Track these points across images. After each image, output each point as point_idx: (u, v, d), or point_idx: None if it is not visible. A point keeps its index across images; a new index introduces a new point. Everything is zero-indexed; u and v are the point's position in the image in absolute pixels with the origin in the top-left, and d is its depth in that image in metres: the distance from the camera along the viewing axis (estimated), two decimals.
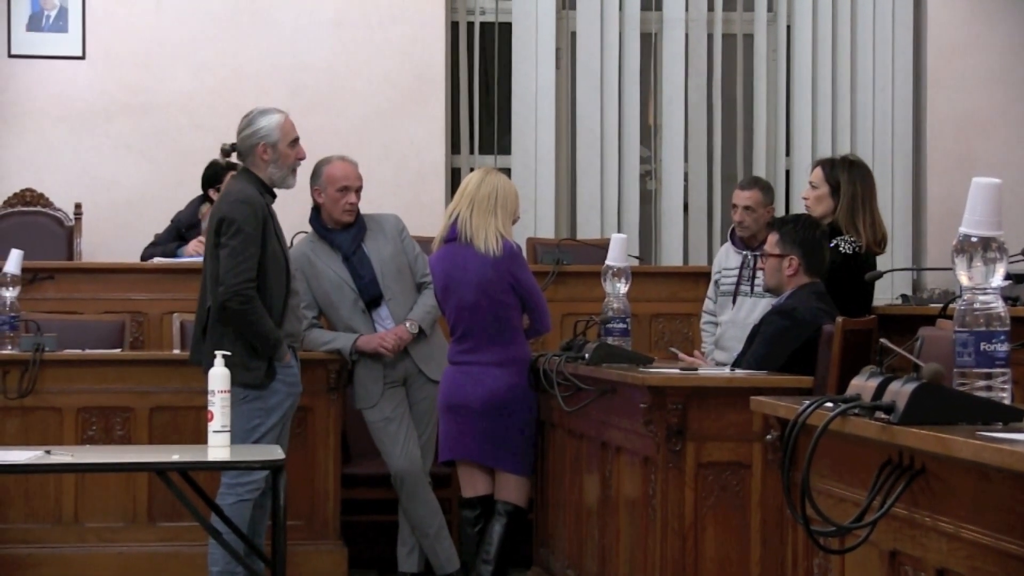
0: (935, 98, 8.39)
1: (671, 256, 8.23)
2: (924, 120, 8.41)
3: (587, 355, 4.94)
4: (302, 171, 5.34)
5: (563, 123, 8.33)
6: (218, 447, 4.35)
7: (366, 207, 5.87)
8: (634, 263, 6.62)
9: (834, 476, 2.82)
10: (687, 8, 8.33)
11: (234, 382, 4.48)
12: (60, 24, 7.99)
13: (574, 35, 8.34)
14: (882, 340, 2.71)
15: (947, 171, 8.28)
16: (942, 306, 5.01)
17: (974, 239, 2.55)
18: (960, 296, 2.60)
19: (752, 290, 5.88)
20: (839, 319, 4.57)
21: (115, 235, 7.81)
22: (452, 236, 5.30)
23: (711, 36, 8.36)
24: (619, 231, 7.63)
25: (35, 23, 7.99)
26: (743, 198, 6.00)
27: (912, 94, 8.40)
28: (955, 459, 2.30)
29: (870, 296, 5.64)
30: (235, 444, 4.50)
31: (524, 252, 6.50)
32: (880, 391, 2.56)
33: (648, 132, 8.42)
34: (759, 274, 5.67)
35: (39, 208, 7.78)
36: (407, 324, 5.73)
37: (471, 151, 8.35)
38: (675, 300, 6.93)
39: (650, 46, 8.39)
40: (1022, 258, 4.88)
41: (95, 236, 7.80)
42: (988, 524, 2.26)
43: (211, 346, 4.84)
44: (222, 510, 4.81)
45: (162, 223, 7.31)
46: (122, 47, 8.02)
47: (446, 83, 8.21)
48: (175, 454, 4.37)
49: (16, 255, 5.98)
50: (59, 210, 7.79)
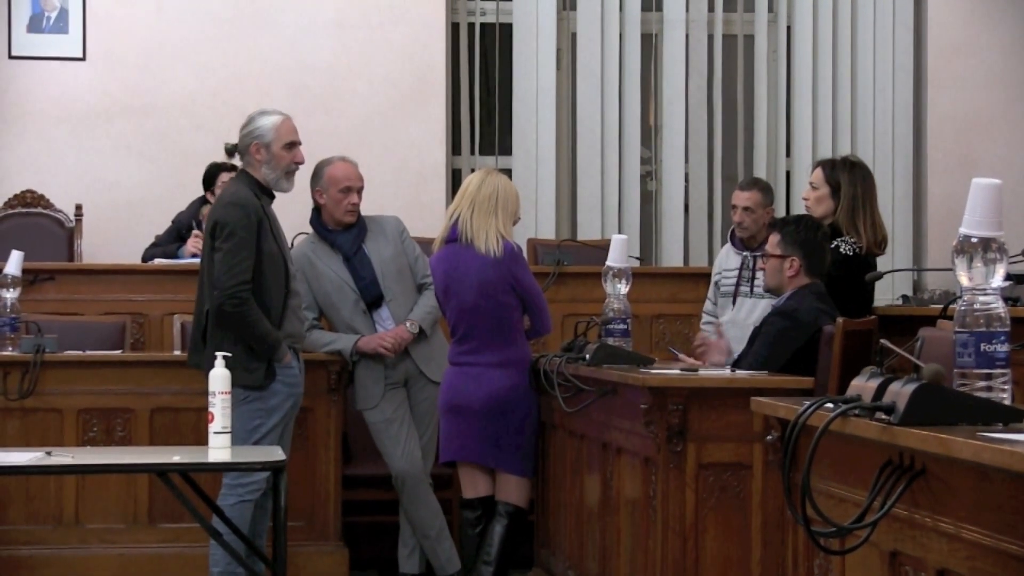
0: (935, 98, 8.39)
1: (672, 257, 8.23)
2: (924, 120, 8.41)
3: (588, 356, 4.94)
4: (302, 174, 5.34)
5: (564, 124, 8.33)
6: (219, 448, 4.35)
7: (367, 208, 5.87)
8: (635, 264, 6.63)
9: (834, 477, 2.82)
10: (688, 9, 8.32)
11: (234, 383, 4.48)
12: (61, 25, 7.99)
13: (575, 36, 8.34)
14: (882, 341, 2.71)
15: (947, 171, 8.28)
16: (942, 307, 5.01)
17: (974, 240, 2.55)
18: (960, 297, 2.60)
19: (752, 291, 5.89)
20: (839, 320, 4.56)
21: (116, 236, 7.81)
22: (453, 237, 5.30)
23: (711, 37, 8.36)
24: (620, 232, 7.63)
25: (36, 24, 7.99)
26: (742, 199, 6.01)
27: (912, 94, 8.39)
28: (955, 460, 2.30)
29: (870, 297, 5.64)
30: (236, 445, 4.50)
31: (525, 253, 6.50)
32: (880, 392, 2.56)
33: (649, 133, 8.42)
34: (759, 275, 5.67)
35: (40, 209, 7.78)
36: (407, 324, 5.73)
37: (472, 152, 8.35)
38: (676, 301, 6.93)
39: (651, 47, 8.38)
40: (1022, 259, 4.88)
41: (96, 237, 7.79)
42: (988, 524, 2.26)
43: (212, 349, 4.86)
44: (223, 511, 4.82)
45: (163, 224, 7.31)
46: (123, 48, 8.02)
47: (447, 84, 8.21)
48: (176, 455, 4.37)
49: (17, 256, 5.97)
50: (60, 211, 7.79)
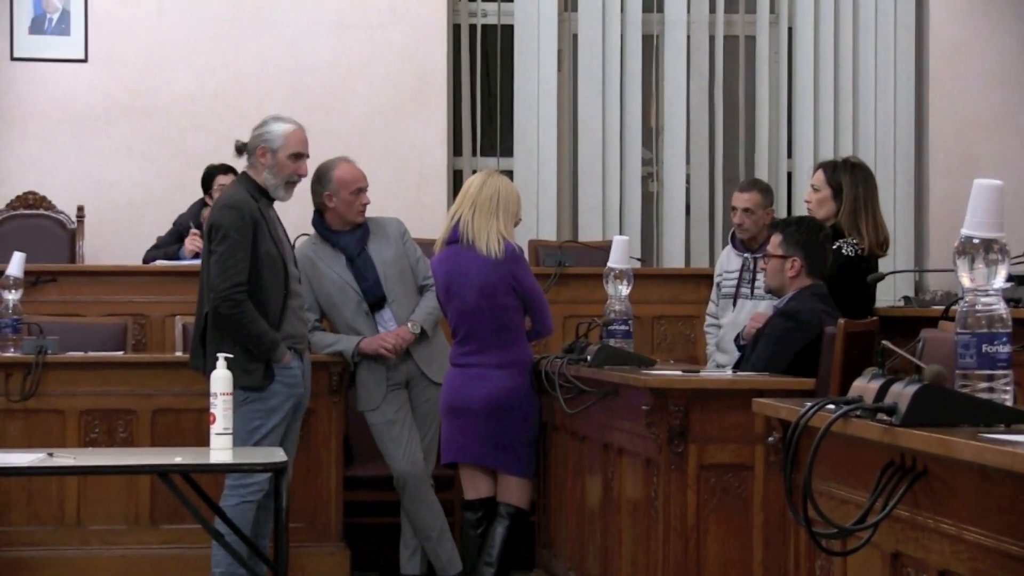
0: (937, 100, 8.39)
1: (673, 258, 8.23)
2: (926, 121, 8.41)
3: (589, 357, 4.94)
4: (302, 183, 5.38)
5: (565, 125, 8.33)
6: (220, 449, 4.35)
7: (368, 209, 5.87)
8: (636, 265, 6.62)
9: (836, 478, 2.82)
10: (689, 10, 8.33)
11: (234, 384, 4.49)
12: (62, 27, 7.99)
13: (576, 37, 8.34)
14: (884, 342, 2.71)
15: (949, 172, 8.28)
16: (944, 308, 5.00)
17: (976, 241, 2.55)
18: (962, 298, 2.60)
19: (752, 292, 5.89)
20: (841, 321, 4.56)
21: (117, 238, 7.81)
22: (454, 238, 5.30)
23: (713, 38, 8.36)
24: (621, 233, 7.63)
25: (37, 26, 7.99)
26: (742, 200, 6.01)
27: (914, 96, 8.39)
28: (957, 461, 2.30)
29: (872, 298, 5.64)
30: (237, 446, 4.51)
31: (526, 254, 6.50)
32: (882, 393, 2.56)
33: (650, 134, 8.42)
34: (759, 276, 5.67)
35: (41, 211, 7.78)
36: (409, 325, 5.73)
37: (473, 153, 8.35)
38: (677, 302, 6.92)
39: (652, 48, 8.38)
40: None
41: (97, 239, 7.80)
42: (990, 526, 2.26)
43: (212, 351, 4.87)
44: (225, 512, 4.82)
45: (164, 226, 7.32)
46: (124, 50, 8.03)
47: (448, 85, 8.22)
48: (177, 456, 4.37)
49: (18, 258, 5.98)
50: (61, 213, 7.80)
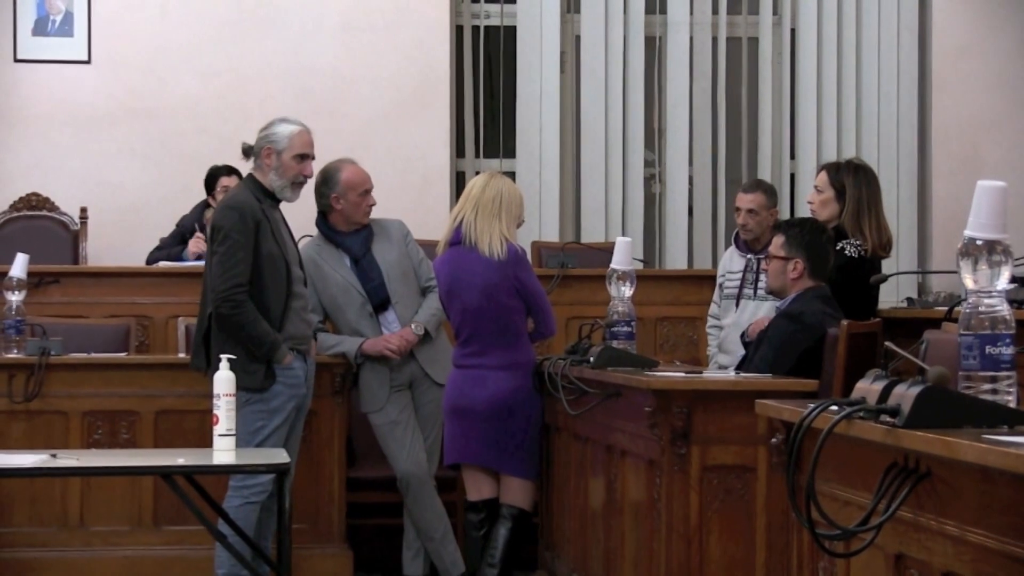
0: (940, 101, 8.38)
1: (676, 259, 8.22)
2: (929, 123, 8.40)
3: (592, 358, 4.94)
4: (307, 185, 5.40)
5: (568, 126, 8.33)
6: (223, 451, 4.35)
7: (371, 211, 5.87)
8: (639, 266, 6.63)
9: (839, 479, 2.82)
10: (691, 11, 8.32)
11: (236, 386, 4.49)
12: (66, 28, 8.00)
13: (579, 39, 8.34)
14: (887, 343, 2.71)
15: (952, 174, 8.27)
16: (947, 309, 5.01)
17: (979, 242, 2.54)
18: (965, 299, 2.59)
19: (755, 293, 5.88)
20: (844, 322, 4.56)
21: (120, 239, 7.81)
22: (457, 239, 5.30)
23: (715, 39, 8.35)
24: (624, 234, 7.63)
25: (41, 27, 8.00)
26: (746, 201, 6.01)
27: (917, 97, 8.38)
28: (960, 462, 2.30)
29: (875, 299, 5.64)
30: (239, 447, 4.51)
31: (529, 256, 6.49)
32: (885, 394, 2.56)
33: (652, 135, 8.41)
34: (762, 277, 5.67)
35: (44, 212, 7.79)
36: (412, 326, 5.73)
37: (476, 155, 8.35)
38: (680, 303, 6.92)
39: (654, 49, 8.38)
40: None
41: (100, 240, 7.80)
42: (994, 527, 2.26)
43: (215, 352, 4.88)
44: (228, 513, 4.82)
45: (167, 227, 7.32)
46: (127, 51, 8.03)
47: (451, 87, 8.22)
48: (180, 458, 4.37)
49: (22, 259, 5.98)
50: (64, 214, 7.80)
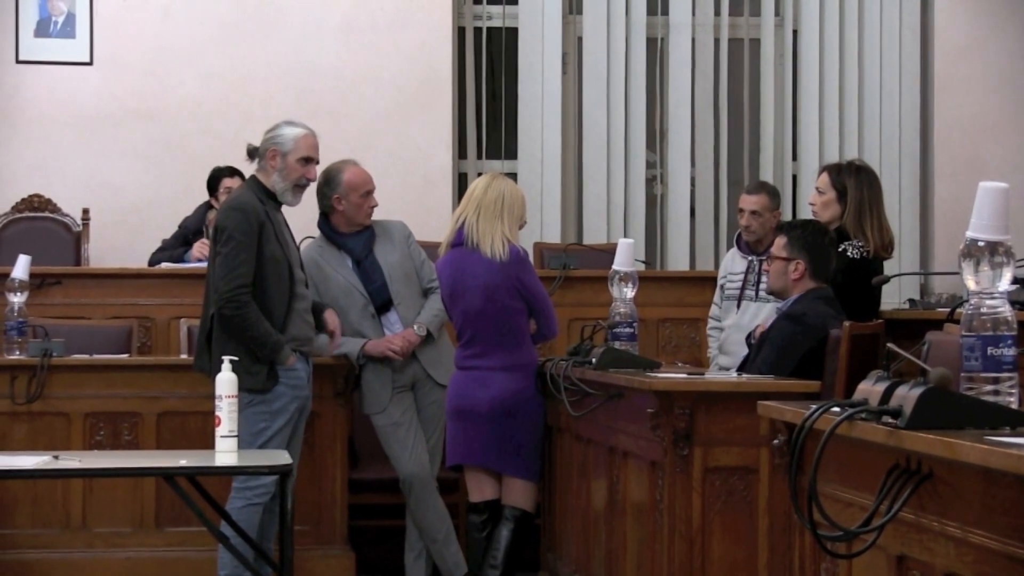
0: (942, 102, 8.38)
1: (678, 261, 8.22)
2: (931, 124, 8.40)
3: (594, 360, 4.94)
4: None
5: (570, 128, 8.33)
6: (225, 452, 4.35)
7: (373, 212, 5.87)
8: (641, 268, 6.63)
9: (841, 481, 2.82)
10: (693, 13, 8.32)
11: (239, 387, 4.49)
12: (68, 30, 8.00)
13: (580, 40, 8.34)
14: (889, 344, 2.71)
15: (955, 175, 8.27)
16: (950, 310, 5.00)
17: (981, 243, 2.54)
18: (967, 300, 2.59)
19: (757, 295, 5.88)
20: (846, 324, 4.56)
21: (122, 240, 7.82)
22: (459, 241, 5.30)
23: (717, 41, 8.35)
24: (626, 236, 7.62)
25: (43, 29, 8.00)
26: (750, 203, 6.00)
27: (919, 98, 8.38)
28: (962, 463, 2.29)
29: (877, 301, 5.63)
30: (242, 449, 4.51)
31: (531, 257, 6.50)
32: (887, 395, 2.56)
33: (654, 137, 8.41)
34: (764, 279, 5.66)
35: (47, 213, 7.79)
36: (415, 327, 5.72)
37: (478, 156, 8.35)
38: (682, 305, 6.92)
39: (656, 51, 8.38)
40: None
41: (102, 241, 7.80)
42: (996, 528, 2.26)
43: (218, 353, 4.88)
44: (230, 515, 4.82)
45: (169, 228, 7.32)
46: (130, 53, 8.04)
47: (453, 88, 8.22)
48: (182, 459, 4.37)
49: (24, 260, 5.98)
50: (67, 215, 7.81)
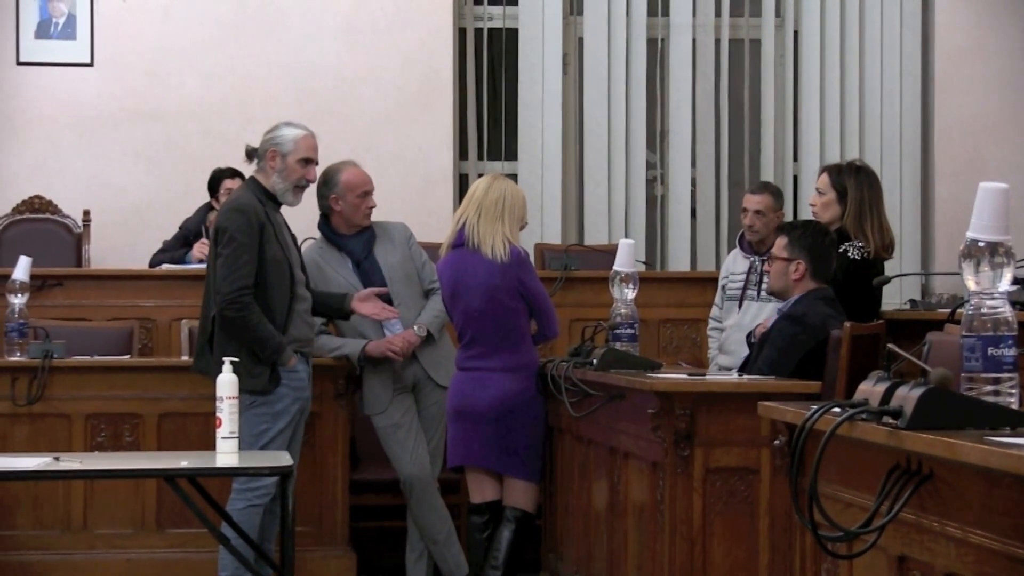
0: (943, 102, 8.38)
1: (679, 261, 8.22)
2: (932, 124, 8.39)
3: (595, 360, 4.94)
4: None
5: (570, 129, 8.33)
6: (227, 453, 4.35)
7: (374, 213, 5.87)
8: (641, 268, 6.62)
9: (842, 481, 2.82)
10: (694, 13, 8.32)
11: (240, 388, 4.49)
12: (68, 31, 8.01)
13: (581, 41, 8.34)
14: (889, 345, 2.71)
15: (955, 175, 8.27)
16: (950, 311, 5.01)
17: (981, 244, 2.55)
18: (968, 301, 2.59)
19: (759, 295, 5.88)
20: (847, 324, 4.56)
21: (123, 242, 7.82)
22: (460, 242, 5.30)
23: (718, 41, 8.35)
24: (626, 236, 7.61)
25: (43, 30, 8.00)
26: (754, 202, 6.00)
27: (920, 99, 8.38)
28: (963, 464, 2.29)
29: (878, 301, 5.63)
30: (243, 450, 4.51)
31: (532, 258, 6.50)
32: (887, 396, 2.56)
33: (655, 137, 8.41)
34: (766, 279, 5.67)
35: (47, 215, 7.79)
36: (415, 328, 5.72)
37: (479, 157, 8.35)
38: (683, 305, 6.92)
39: (657, 52, 8.38)
40: None
41: (103, 243, 7.80)
42: (996, 529, 2.26)
43: (218, 354, 4.88)
44: (231, 516, 4.82)
45: (170, 230, 7.33)
46: (130, 54, 8.04)
47: (454, 89, 8.22)
48: (184, 460, 4.37)
49: (25, 262, 5.98)
50: (67, 217, 7.81)
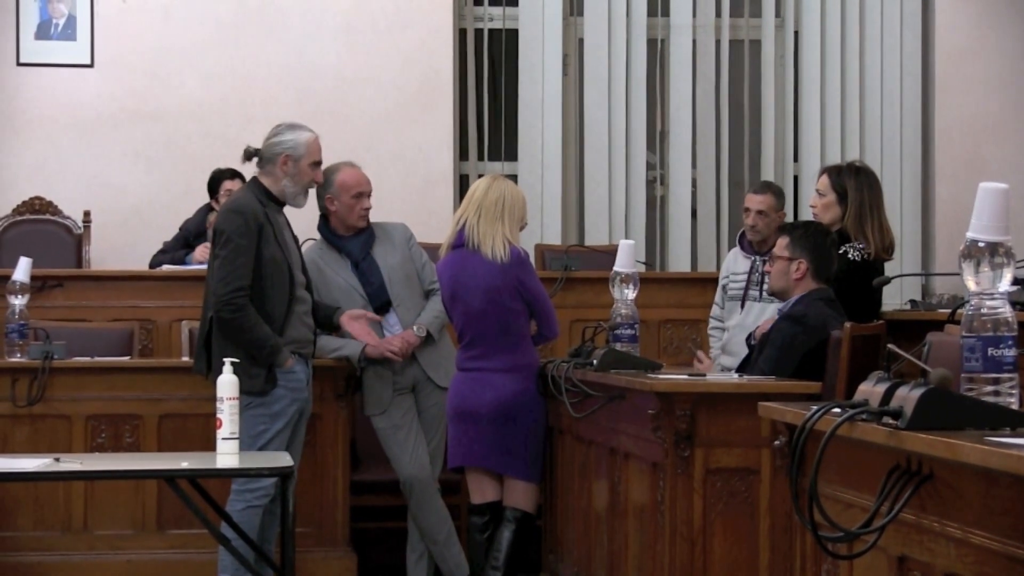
0: (943, 103, 8.38)
1: (679, 262, 8.22)
2: (932, 125, 8.39)
3: (595, 361, 4.94)
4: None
5: (570, 129, 8.33)
6: (227, 454, 4.35)
7: (374, 214, 5.87)
8: (642, 269, 6.62)
9: (842, 481, 2.82)
10: (694, 14, 8.32)
11: (238, 389, 4.49)
12: (68, 32, 8.01)
13: (581, 41, 8.34)
14: (889, 345, 2.71)
15: (956, 175, 8.27)
16: (950, 311, 5.00)
17: (981, 244, 2.55)
18: (968, 301, 2.59)
19: (760, 295, 5.88)
20: (847, 325, 4.56)
21: (124, 243, 7.82)
22: (459, 242, 5.30)
23: (718, 42, 8.35)
24: (627, 237, 7.62)
25: (44, 31, 8.00)
26: (756, 202, 5.99)
27: (920, 99, 8.38)
28: (963, 464, 2.29)
29: (878, 302, 5.63)
30: (242, 451, 4.51)
31: (532, 259, 6.50)
32: (888, 396, 2.56)
33: (655, 138, 8.41)
34: (767, 279, 5.66)
35: (48, 216, 7.80)
36: (415, 328, 5.72)
37: (479, 158, 8.35)
38: (683, 306, 6.92)
39: (657, 52, 8.38)
40: None
41: (104, 244, 7.81)
42: (996, 529, 2.26)
43: (217, 355, 4.88)
44: (231, 517, 4.82)
45: (170, 231, 7.33)
46: (130, 55, 8.04)
47: (454, 89, 8.22)
48: (184, 461, 4.37)
49: (25, 263, 5.98)
50: (68, 218, 7.81)
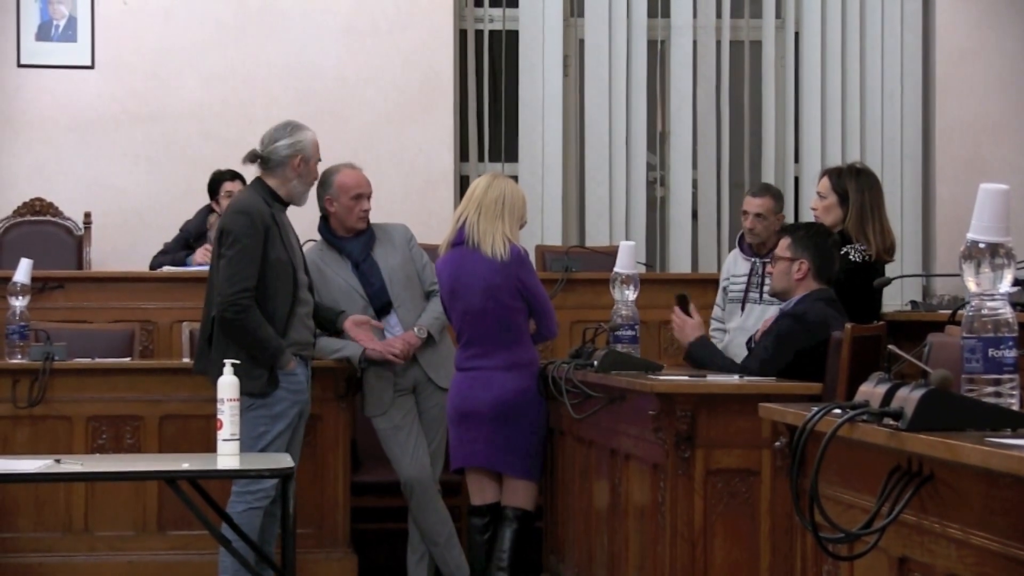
0: (944, 104, 8.38)
1: (679, 263, 8.22)
2: (933, 126, 8.40)
3: (596, 362, 4.94)
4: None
5: (571, 130, 8.33)
6: (227, 455, 4.35)
7: (374, 214, 5.88)
8: (642, 270, 6.62)
9: (843, 483, 2.82)
10: (695, 15, 8.32)
11: (239, 391, 4.49)
12: (69, 33, 8.01)
13: (582, 42, 8.34)
14: (890, 346, 2.71)
15: (956, 176, 8.27)
16: (951, 312, 5.00)
17: (982, 245, 2.55)
18: (968, 302, 2.60)
19: (761, 297, 5.88)
20: (848, 326, 4.56)
21: (124, 244, 7.82)
22: (459, 240, 5.30)
23: (719, 43, 8.35)
24: (627, 238, 7.62)
25: (44, 33, 8.01)
26: (755, 205, 5.99)
27: (921, 100, 8.38)
28: (964, 465, 2.29)
29: (879, 303, 5.64)
30: (242, 452, 4.51)
31: (533, 259, 6.50)
32: (888, 397, 2.56)
33: (656, 139, 8.41)
34: (768, 280, 5.66)
35: (48, 217, 7.80)
36: (415, 329, 5.72)
37: (479, 158, 8.35)
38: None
39: (657, 53, 8.38)
40: None
41: (104, 245, 7.81)
42: (997, 530, 2.26)
43: (218, 356, 4.88)
44: (232, 518, 4.82)
45: (171, 232, 7.33)
46: (131, 56, 8.04)
47: (454, 90, 8.22)
48: (185, 463, 4.37)
49: (26, 264, 5.99)
50: (68, 219, 7.81)
